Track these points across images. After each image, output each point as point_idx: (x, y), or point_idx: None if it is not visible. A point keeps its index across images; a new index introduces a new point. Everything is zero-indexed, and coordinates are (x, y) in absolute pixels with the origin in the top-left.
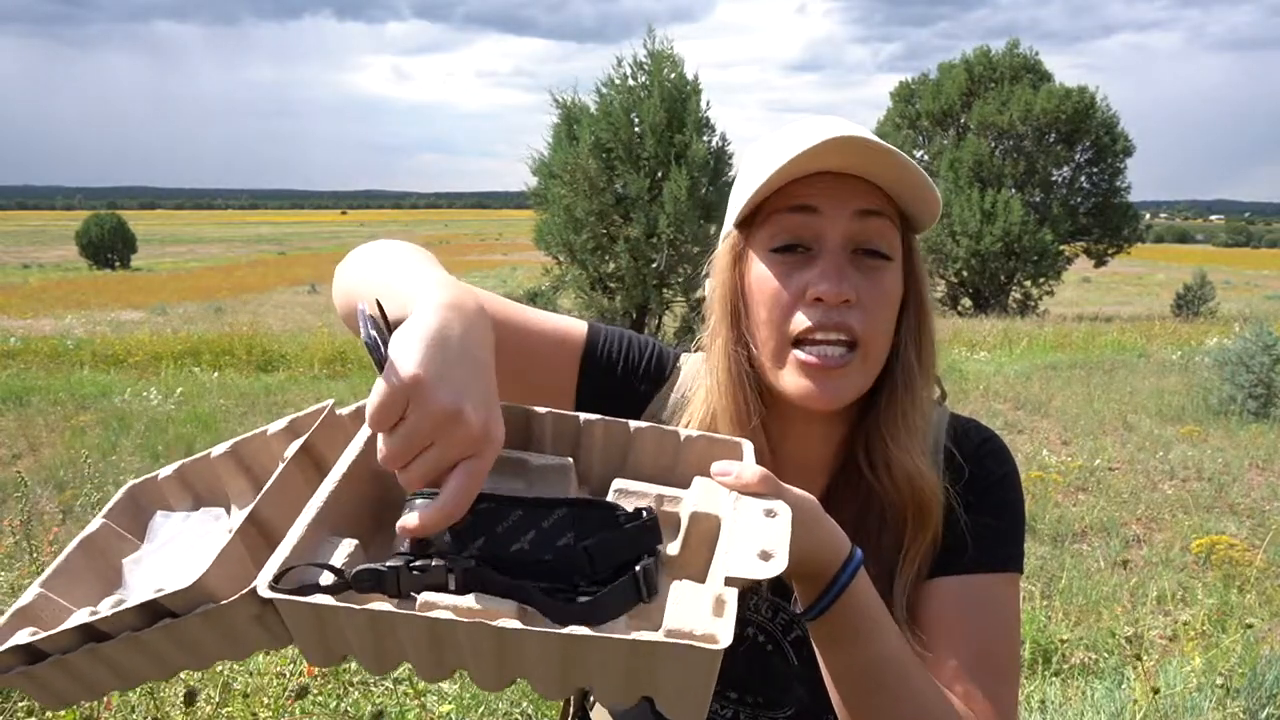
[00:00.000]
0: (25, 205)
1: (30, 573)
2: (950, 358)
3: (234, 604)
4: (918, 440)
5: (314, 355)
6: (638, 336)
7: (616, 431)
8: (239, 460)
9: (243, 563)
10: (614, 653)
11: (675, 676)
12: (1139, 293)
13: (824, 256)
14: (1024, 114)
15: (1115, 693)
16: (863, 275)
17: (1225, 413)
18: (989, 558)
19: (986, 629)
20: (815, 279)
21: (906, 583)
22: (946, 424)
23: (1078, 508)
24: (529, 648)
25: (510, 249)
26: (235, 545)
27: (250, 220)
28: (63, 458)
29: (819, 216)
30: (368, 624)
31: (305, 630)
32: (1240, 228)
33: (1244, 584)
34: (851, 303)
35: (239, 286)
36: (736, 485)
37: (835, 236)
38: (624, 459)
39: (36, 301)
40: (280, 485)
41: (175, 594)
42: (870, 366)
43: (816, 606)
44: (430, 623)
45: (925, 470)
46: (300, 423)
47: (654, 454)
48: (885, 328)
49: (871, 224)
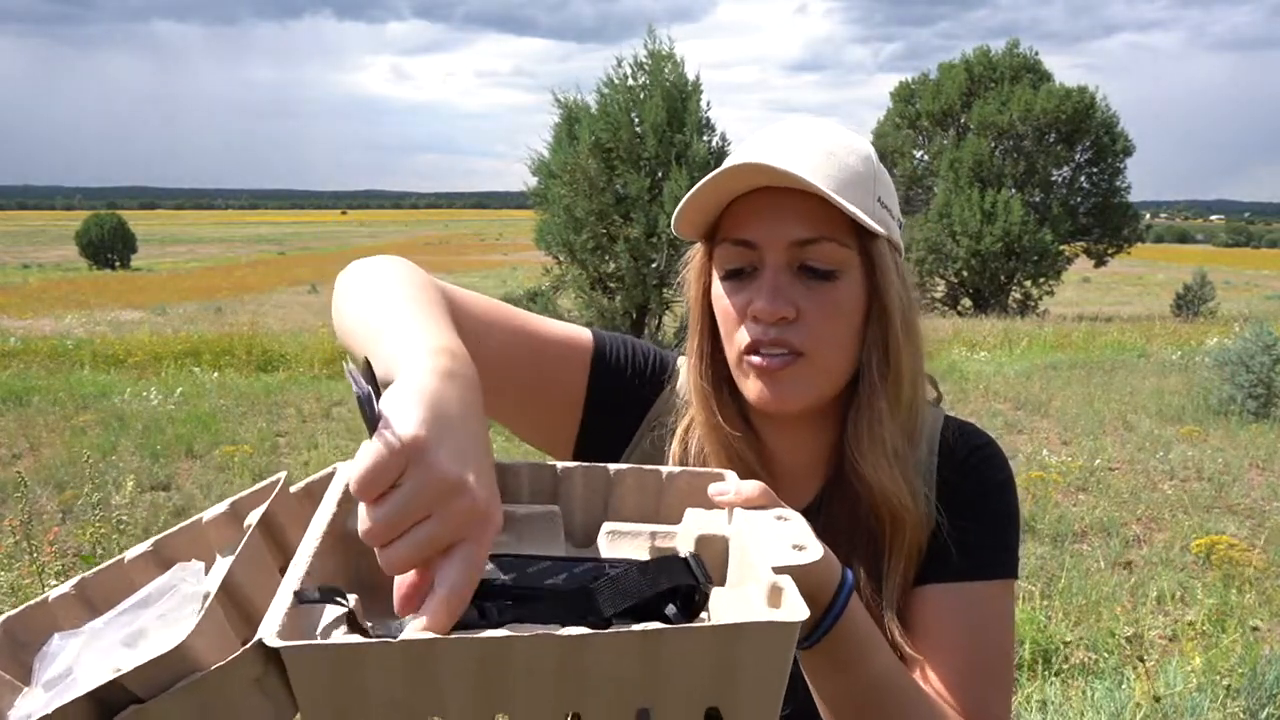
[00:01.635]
0: (25, 205)
1: (30, 573)
2: (950, 358)
3: (230, 667)
4: (884, 451)
5: (314, 355)
6: (638, 341)
7: (596, 476)
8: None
9: (223, 629)
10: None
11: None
12: (1139, 293)
13: (763, 275)
14: (1024, 114)
15: (1115, 693)
16: (806, 290)
17: (1225, 413)
18: (983, 565)
19: (979, 637)
20: (754, 295)
21: (894, 588)
22: (941, 427)
23: (1078, 508)
24: (597, 657)
25: (510, 249)
26: (215, 610)
27: (250, 220)
28: (63, 458)
29: (758, 251)
30: (402, 663)
31: (316, 688)
32: (1240, 228)
33: (1244, 584)
34: (790, 319)
35: (239, 286)
36: (737, 501)
37: (773, 261)
38: (606, 504)
39: (36, 301)
40: (249, 551)
41: (148, 665)
42: (820, 375)
43: (815, 634)
44: (482, 644)
45: (890, 481)
46: (243, 503)
47: (637, 495)
48: (835, 340)
49: (809, 250)
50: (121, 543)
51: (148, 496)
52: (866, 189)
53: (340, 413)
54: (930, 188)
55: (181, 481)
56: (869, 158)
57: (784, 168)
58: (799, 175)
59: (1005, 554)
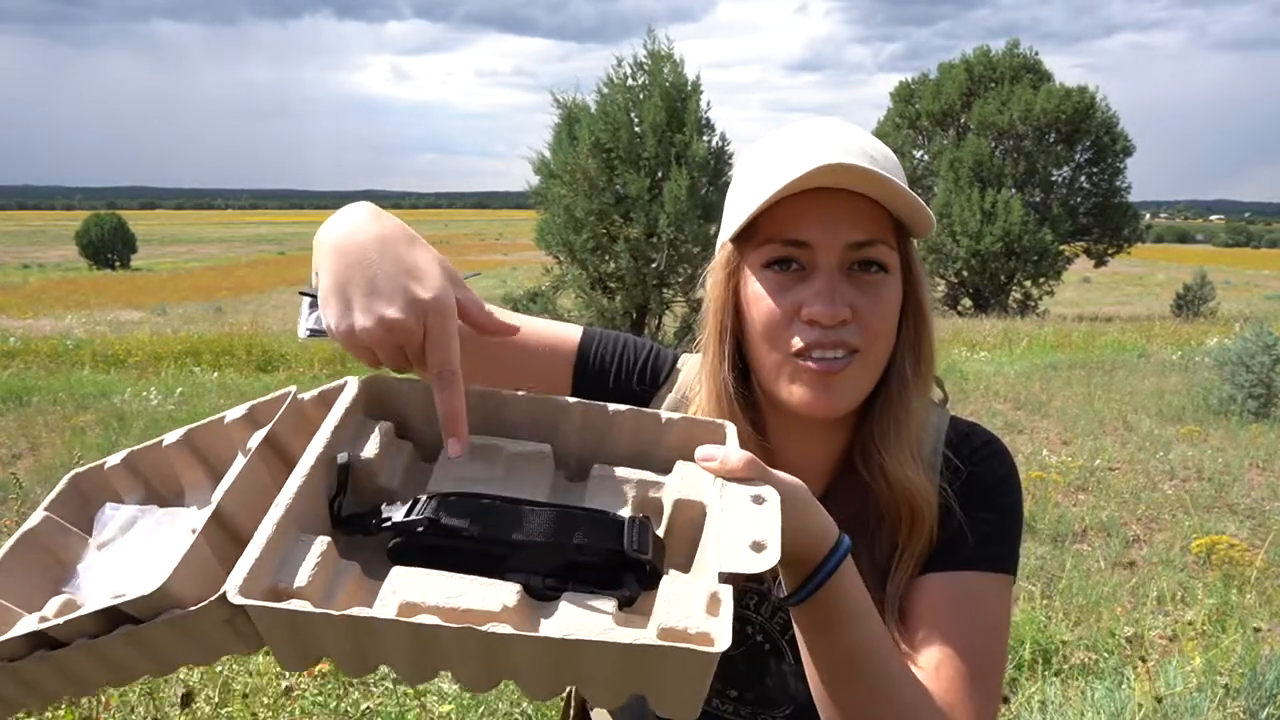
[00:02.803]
0: (25, 205)
1: None
2: (950, 358)
3: (202, 610)
4: (910, 447)
5: (314, 355)
6: (634, 339)
7: (595, 414)
8: (194, 449)
9: (208, 564)
10: (607, 656)
11: (670, 678)
12: (1139, 293)
13: (818, 276)
14: (1024, 114)
15: (1115, 693)
16: (859, 290)
17: (1225, 413)
18: (980, 556)
19: (972, 626)
20: (810, 299)
21: (900, 585)
22: (947, 427)
23: (1078, 508)
24: (517, 651)
25: (510, 249)
26: (200, 547)
27: (250, 220)
28: (63, 458)
29: (810, 250)
30: (347, 630)
31: (279, 635)
32: (1240, 228)
33: (1244, 584)
34: (847, 321)
35: (239, 286)
36: (721, 471)
37: (827, 263)
38: (602, 442)
39: (36, 301)
40: (244, 480)
41: (137, 600)
42: (870, 371)
43: (801, 591)
44: (414, 629)
45: (916, 477)
46: (260, 410)
47: (633, 437)
48: (885, 336)
49: (864, 251)
50: None
51: None
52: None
53: None
54: (930, 188)
55: None
56: (896, 157)
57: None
58: (886, 177)
59: (1003, 549)
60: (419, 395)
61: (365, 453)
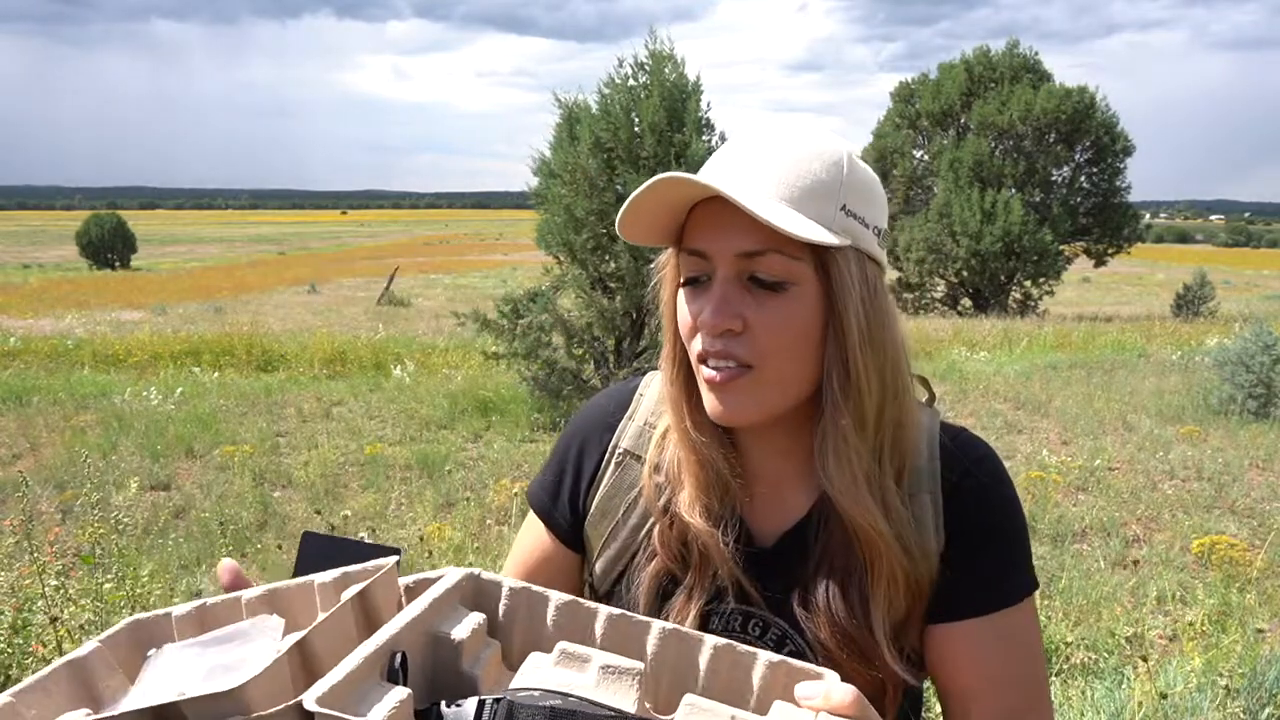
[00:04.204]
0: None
1: (30, 573)
2: (950, 358)
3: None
4: (850, 473)
5: (314, 355)
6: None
7: (689, 643)
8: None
9: (284, 684)
10: None
11: None
12: (1139, 293)
13: (712, 287)
14: (1024, 114)
15: (1115, 693)
16: (755, 302)
17: (1225, 413)
18: (1009, 591)
19: (1019, 661)
20: (704, 306)
21: (885, 616)
22: (938, 436)
23: (1078, 508)
24: None
25: (510, 249)
26: (281, 665)
27: (250, 220)
28: (63, 458)
29: (709, 261)
30: None
31: None
32: (1240, 228)
33: (1244, 584)
34: (737, 331)
35: (239, 286)
36: (825, 707)
37: (722, 271)
38: (694, 673)
39: (36, 301)
40: (334, 621)
41: (204, 698)
42: (769, 388)
43: None
44: None
45: (857, 504)
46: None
47: (729, 673)
48: (786, 353)
49: (756, 261)
50: (121, 543)
51: (148, 496)
52: (829, 197)
53: (340, 412)
54: (930, 188)
55: (181, 481)
56: (838, 164)
57: (723, 187)
58: (729, 194)
59: (1028, 570)
60: (517, 598)
61: (456, 634)
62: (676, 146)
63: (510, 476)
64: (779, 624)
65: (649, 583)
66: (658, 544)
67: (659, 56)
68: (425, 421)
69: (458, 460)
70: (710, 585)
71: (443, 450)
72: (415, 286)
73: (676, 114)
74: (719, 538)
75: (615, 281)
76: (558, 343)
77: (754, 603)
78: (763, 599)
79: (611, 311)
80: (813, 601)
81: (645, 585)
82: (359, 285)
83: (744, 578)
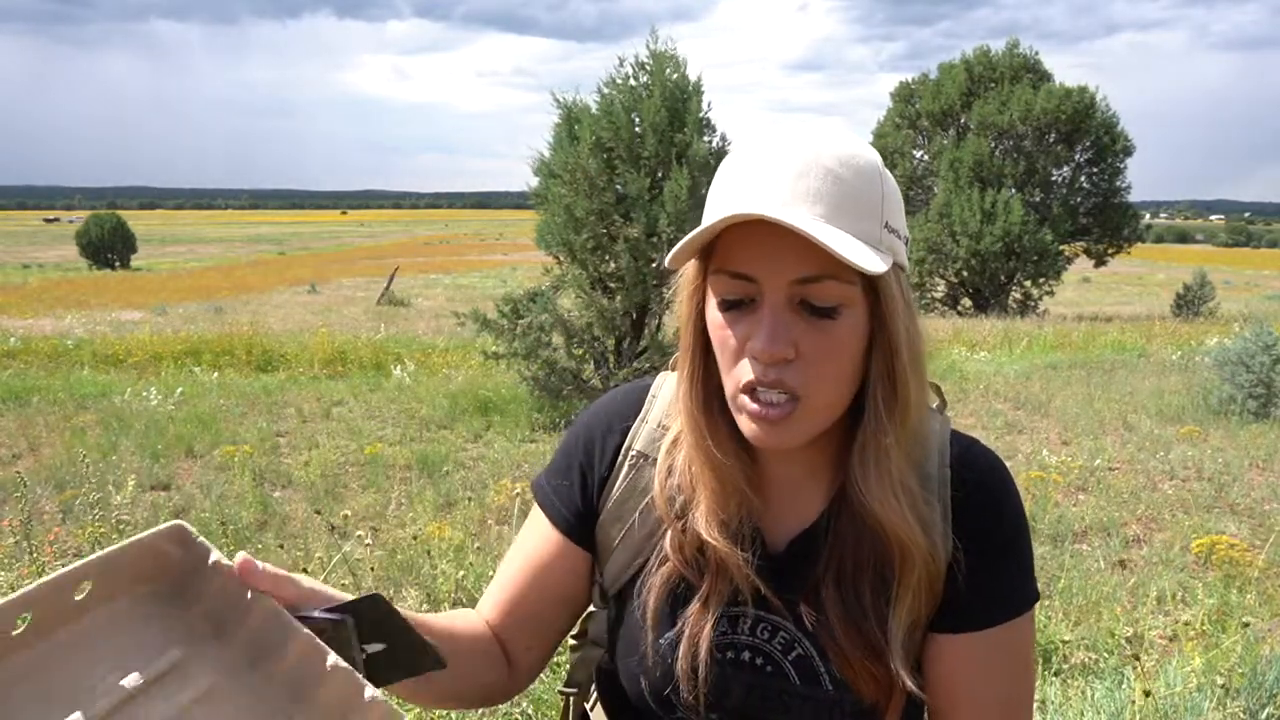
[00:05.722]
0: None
1: (30, 573)
2: (950, 358)
3: None
4: (891, 487)
5: (314, 355)
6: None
7: None
8: None
9: None
10: None
11: None
12: (1139, 293)
13: (763, 312)
14: (1024, 114)
15: (1115, 693)
16: (806, 328)
17: (1225, 413)
18: (1011, 605)
19: (1007, 680)
20: (756, 332)
21: (902, 622)
22: (949, 443)
23: (1078, 508)
24: None
25: (510, 249)
26: None
27: (250, 220)
28: (63, 458)
29: (757, 284)
30: None
31: None
32: (1240, 228)
33: (1244, 584)
34: (790, 359)
35: (239, 286)
36: None
37: (774, 298)
38: None
39: (36, 301)
40: None
41: None
42: (818, 414)
43: None
44: None
45: (900, 519)
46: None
47: None
48: (835, 378)
49: (810, 288)
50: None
51: (148, 496)
52: (873, 215)
53: (340, 412)
54: (930, 188)
55: (181, 481)
56: (875, 174)
57: (780, 215)
58: (797, 227)
59: (1029, 586)
60: None
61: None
62: (678, 146)
63: (510, 476)
64: (788, 628)
65: (661, 587)
66: (671, 550)
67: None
68: (425, 421)
69: (458, 460)
70: (726, 593)
71: (443, 450)
72: (415, 286)
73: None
74: (738, 554)
75: (615, 281)
76: (558, 343)
77: (767, 607)
78: (776, 603)
79: (611, 311)
80: (823, 603)
81: (657, 589)
82: (359, 285)
83: (760, 583)
